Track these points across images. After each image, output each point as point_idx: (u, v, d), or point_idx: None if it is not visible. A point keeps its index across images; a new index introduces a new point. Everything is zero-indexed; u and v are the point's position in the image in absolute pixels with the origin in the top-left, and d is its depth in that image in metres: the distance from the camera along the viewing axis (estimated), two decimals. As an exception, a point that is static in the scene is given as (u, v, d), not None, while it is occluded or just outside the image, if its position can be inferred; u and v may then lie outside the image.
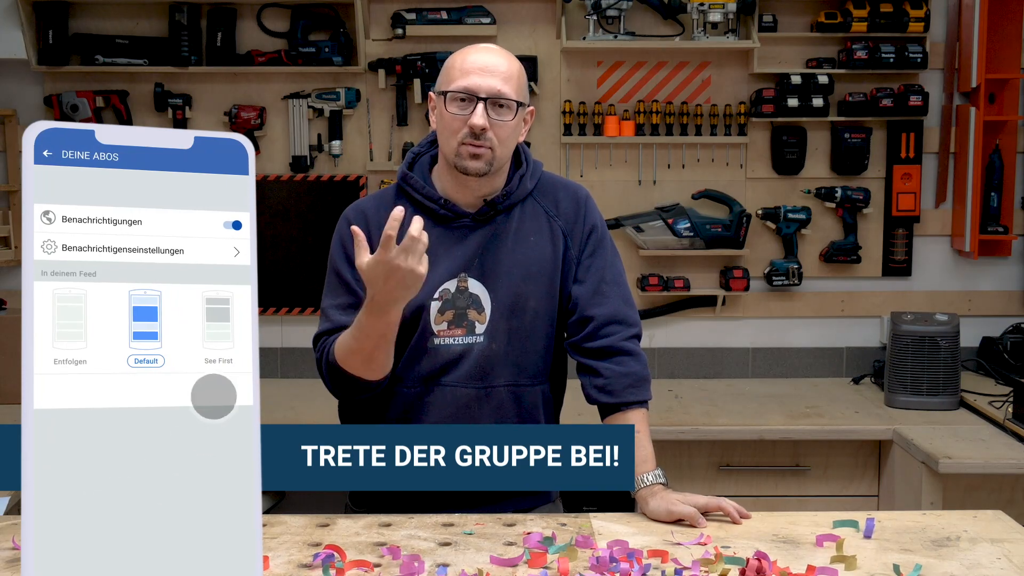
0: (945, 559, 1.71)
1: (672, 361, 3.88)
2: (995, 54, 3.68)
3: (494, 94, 1.96)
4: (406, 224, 1.76)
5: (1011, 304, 3.88)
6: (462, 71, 1.98)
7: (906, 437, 3.12)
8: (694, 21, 3.66)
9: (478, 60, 1.99)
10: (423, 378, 2.03)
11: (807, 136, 3.78)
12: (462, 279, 2.02)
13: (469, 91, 1.96)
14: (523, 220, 2.07)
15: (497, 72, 1.97)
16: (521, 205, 2.09)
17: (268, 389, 3.63)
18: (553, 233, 2.08)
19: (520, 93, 2.00)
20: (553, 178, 2.16)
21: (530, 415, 2.06)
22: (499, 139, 1.98)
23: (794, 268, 3.78)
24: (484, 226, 2.05)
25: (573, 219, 2.10)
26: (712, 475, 3.31)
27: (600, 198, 3.77)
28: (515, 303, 2.03)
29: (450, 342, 2.02)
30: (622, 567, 1.63)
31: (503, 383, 2.03)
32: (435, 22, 3.67)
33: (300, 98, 3.75)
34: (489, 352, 2.02)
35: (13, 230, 3.74)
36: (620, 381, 2.06)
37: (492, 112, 1.96)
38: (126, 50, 3.67)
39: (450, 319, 2.02)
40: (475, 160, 1.98)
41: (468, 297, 2.02)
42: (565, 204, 2.11)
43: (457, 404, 2.02)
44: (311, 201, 3.76)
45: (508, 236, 2.05)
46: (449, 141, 2.00)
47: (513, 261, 2.03)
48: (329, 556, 1.69)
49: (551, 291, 2.04)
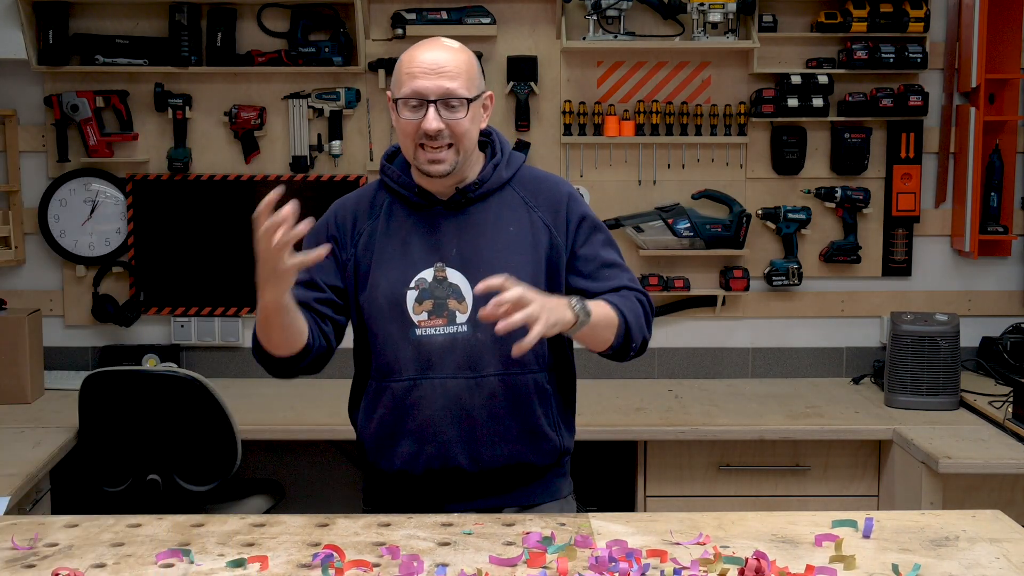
0: (944, 559, 1.71)
1: (672, 361, 3.88)
2: (995, 54, 3.68)
3: (443, 94, 1.96)
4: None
5: (1011, 304, 3.87)
6: (409, 74, 1.97)
7: (906, 437, 3.12)
8: (694, 21, 3.66)
9: (424, 60, 1.97)
10: (411, 371, 2.03)
11: (807, 136, 3.78)
12: (439, 268, 2.02)
13: (419, 95, 1.96)
14: (501, 209, 2.07)
15: (443, 71, 1.96)
16: (499, 194, 2.08)
17: (268, 389, 3.64)
18: (533, 223, 2.07)
19: (470, 86, 1.99)
20: (535, 171, 2.17)
21: (524, 404, 2.05)
22: (457, 135, 1.98)
23: (794, 268, 3.77)
24: (458, 214, 2.05)
25: (555, 210, 2.09)
26: (712, 475, 3.30)
27: (600, 198, 3.79)
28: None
29: (432, 332, 2.02)
30: (621, 567, 1.63)
31: (493, 372, 2.03)
32: (435, 22, 3.67)
33: (300, 98, 3.74)
34: (475, 341, 2.01)
35: (13, 230, 3.74)
36: (612, 297, 2.04)
37: (444, 112, 1.96)
38: (126, 50, 3.67)
39: (430, 309, 2.02)
40: (435, 164, 1.99)
41: (447, 287, 2.02)
42: (545, 195, 2.10)
43: (448, 396, 2.02)
44: (311, 201, 3.73)
45: (486, 225, 2.05)
46: (407, 145, 2.02)
47: (493, 250, 2.03)
48: (328, 556, 1.69)
49: (535, 280, 2.02)
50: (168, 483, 3.14)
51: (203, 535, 1.83)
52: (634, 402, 3.51)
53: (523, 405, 2.06)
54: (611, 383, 3.72)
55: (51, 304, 3.81)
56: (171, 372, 3.20)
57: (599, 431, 3.26)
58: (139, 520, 1.91)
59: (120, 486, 3.16)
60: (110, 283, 3.81)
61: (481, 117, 2.05)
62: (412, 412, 2.04)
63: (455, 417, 2.03)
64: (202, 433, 3.12)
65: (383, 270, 2.04)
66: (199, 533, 1.84)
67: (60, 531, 1.86)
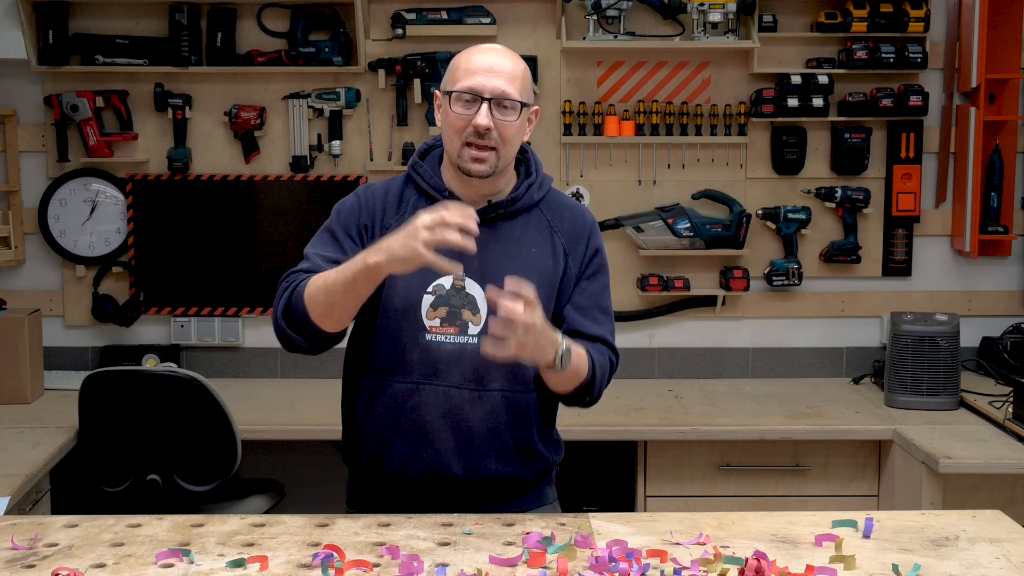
0: (944, 559, 1.71)
1: (672, 361, 3.88)
2: (995, 54, 3.68)
3: (498, 94, 1.97)
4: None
5: (1011, 304, 3.87)
6: (467, 71, 1.99)
7: (906, 437, 3.12)
8: (694, 21, 3.66)
9: (483, 60, 2.00)
10: (415, 374, 2.02)
11: (807, 136, 3.78)
12: (459, 278, 2.02)
13: (473, 91, 1.97)
14: (527, 229, 2.08)
15: (502, 72, 1.99)
16: (527, 214, 2.09)
17: (268, 389, 3.64)
18: (555, 247, 2.09)
19: (524, 94, 2.01)
20: (561, 196, 2.18)
21: (522, 421, 2.06)
22: (503, 139, 1.99)
23: (794, 268, 3.77)
24: (485, 227, 2.05)
25: (576, 238, 2.11)
26: (712, 475, 3.31)
27: (600, 198, 3.79)
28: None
29: (442, 339, 2.01)
30: (621, 567, 1.63)
31: (497, 387, 2.03)
32: (435, 22, 3.67)
33: (300, 98, 3.74)
34: (484, 355, 2.01)
35: (13, 230, 3.74)
36: (592, 350, 2.04)
37: (496, 112, 1.98)
38: (126, 50, 3.67)
39: (443, 316, 2.01)
40: (478, 164, 1.99)
41: (464, 297, 2.02)
42: (569, 222, 2.12)
43: (450, 404, 2.02)
44: (311, 201, 3.76)
45: (511, 243, 2.06)
46: (453, 140, 2.01)
47: (514, 268, 2.02)
48: (328, 556, 1.69)
49: (547, 303, 2.03)
50: (168, 483, 3.14)
51: (203, 535, 1.83)
52: (634, 402, 3.51)
53: (522, 423, 2.06)
54: (611, 383, 3.71)
55: (51, 304, 3.81)
56: (171, 372, 3.20)
57: (599, 431, 3.26)
58: (139, 520, 1.91)
59: (120, 486, 3.16)
60: (110, 283, 3.81)
61: (526, 128, 2.06)
62: (411, 415, 2.03)
63: (454, 426, 2.03)
64: (202, 433, 3.12)
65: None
66: (199, 533, 1.84)
67: (60, 531, 1.86)
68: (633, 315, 3.83)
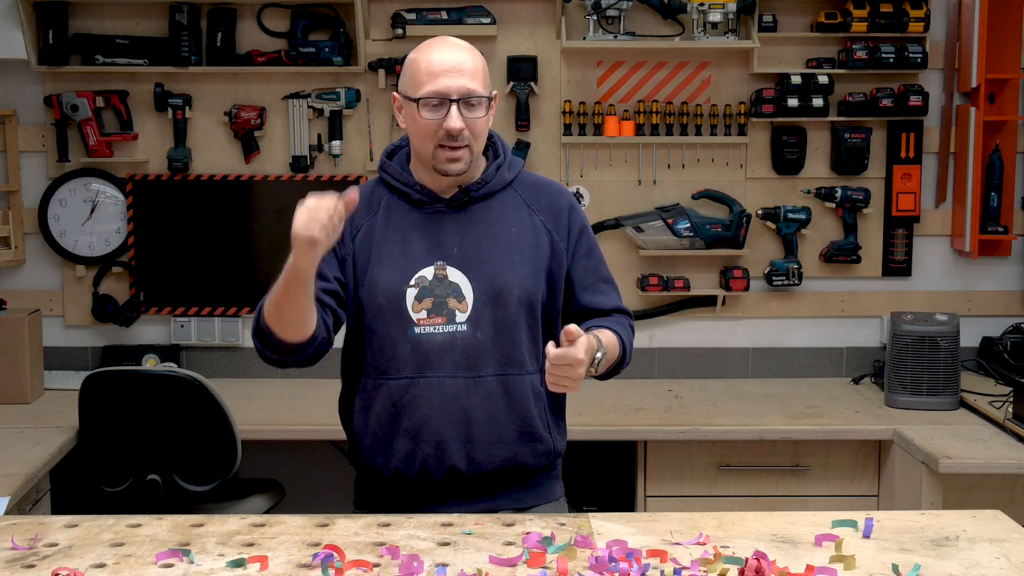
0: (944, 559, 1.71)
1: (672, 361, 3.88)
2: (995, 54, 3.68)
3: (465, 93, 1.97)
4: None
5: (1011, 304, 3.87)
6: (429, 73, 1.98)
7: (906, 437, 3.12)
8: (694, 21, 3.66)
9: (443, 60, 1.99)
10: (408, 370, 2.02)
11: (807, 136, 3.78)
12: (440, 267, 2.02)
13: (440, 95, 1.97)
14: (503, 210, 2.08)
15: (464, 70, 1.98)
16: (501, 195, 2.10)
17: (268, 389, 3.64)
18: (535, 225, 2.09)
19: (487, 85, 2.02)
20: (535, 176, 2.20)
21: (521, 405, 2.06)
22: (475, 135, 2.01)
23: (794, 268, 3.77)
24: (459, 212, 2.06)
25: (556, 215, 2.11)
26: (712, 475, 3.30)
27: (600, 198, 3.80)
28: (498, 293, 2.03)
29: (431, 331, 2.02)
30: (621, 567, 1.63)
31: (492, 373, 2.03)
32: (435, 22, 3.67)
33: (300, 98, 3.74)
34: (475, 341, 2.02)
35: (13, 230, 3.74)
36: (614, 325, 2.10)
37: (465, 111, 1.98)
38: (126, 50, 3.67)
39: (429, 307, 2.02)
40: (454, 163, 2.01)
41: (447, 285, 2.03)
42: (547, 200, 2.13)
43: (445, 395, 2.02)
44: (311, 201, 3.76)
45: (488, 225, 2.06)
46: (425, 144, 2.01)
47: (494, 250, 2.03)
48: (328, 556, 1.69)
49: (536, 281, 2.04)
50: (168, 483, 3.14)
51: (203, 535, 1.83)
52: (634, 402, 3.51)
53: (520, 406, 2.06)
54: (611, 383, 3.69)
55: (51, 304, 3.81)
56: (171, 372, 3.20)
57: (599, 431, 3.26)
58: (139, 520, 1.91)
59: (120, 486, 3.16)
60: (110, 283, 3.80)
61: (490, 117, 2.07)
62: (408, 411, 2.03)
63: (452, 417, 2.03)
64: (202, 433, 3.12)
65: (382, 267, 2.04)
66: (199, 533, 1.84)
67: (60, 531, 1.86)
68: (633, 315, 3.82)
